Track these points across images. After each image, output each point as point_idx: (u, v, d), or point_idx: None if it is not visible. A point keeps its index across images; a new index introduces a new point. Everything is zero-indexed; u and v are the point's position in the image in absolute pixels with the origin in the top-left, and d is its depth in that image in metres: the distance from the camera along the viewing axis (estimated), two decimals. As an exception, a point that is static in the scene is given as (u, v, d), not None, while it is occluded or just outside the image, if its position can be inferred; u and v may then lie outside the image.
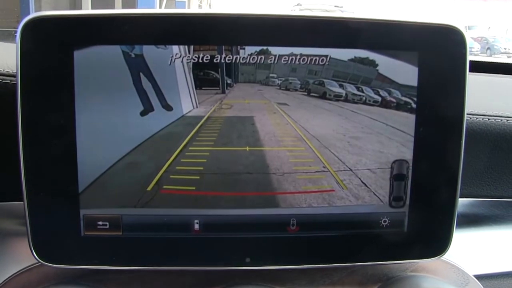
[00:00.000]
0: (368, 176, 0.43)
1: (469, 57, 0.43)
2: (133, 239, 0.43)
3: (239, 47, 0.40)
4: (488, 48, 12.66)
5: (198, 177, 0.42)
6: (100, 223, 0.43)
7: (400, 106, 0.43)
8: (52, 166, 0.42)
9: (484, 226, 0.59)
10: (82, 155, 0.41)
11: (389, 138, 0.43)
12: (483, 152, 0.55)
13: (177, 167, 0.41)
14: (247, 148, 0.41)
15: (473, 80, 0.44)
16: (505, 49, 12.66)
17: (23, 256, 0.50)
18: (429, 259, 0.47)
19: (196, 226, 0.43)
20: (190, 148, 0.41)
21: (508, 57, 12.23)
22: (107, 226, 0.43)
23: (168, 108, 0.41)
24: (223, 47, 0.40)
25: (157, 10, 0.47)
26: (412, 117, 0.43)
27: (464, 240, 0.56)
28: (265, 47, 0.40)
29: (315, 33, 0.41)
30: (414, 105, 0.43)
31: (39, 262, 0.43)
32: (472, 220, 0.58)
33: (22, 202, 0.50)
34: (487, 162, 0.56)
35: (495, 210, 0.59)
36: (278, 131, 0.42)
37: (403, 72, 0.42)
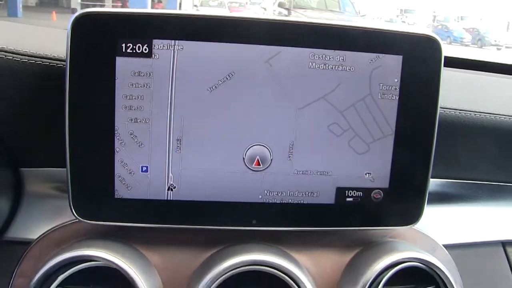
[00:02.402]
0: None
1: (455, 51, 0.51)
2: (157, 201, 0.51)
3: None
4: (479, 40, 12.74)
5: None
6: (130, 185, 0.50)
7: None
8: (91, 136, 0.49)
9: (452, 204, 0.67)
10: (118, 127, 0.49)
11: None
12: (455, 141, 0.63)
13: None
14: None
15: (451, 75, 0.52)
16: (495, 41, 12.76)
17: (57, 216, 0.58)
18: (404, 226, 0.55)
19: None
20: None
21: (498, 49, 12.33)
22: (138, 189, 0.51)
23: None
24: None
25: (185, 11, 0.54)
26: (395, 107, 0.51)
27: (435, 215, 0.65)
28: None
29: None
30: (397, 97, 0.51)
31: (77, 219, 0.51)
32: (443, 198, 0.66)
33: (55, 169, 0.58)
34: (458, 149, 0.64)
35: (463, 190, 0.67)
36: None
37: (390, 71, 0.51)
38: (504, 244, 0.67)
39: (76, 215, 0.51)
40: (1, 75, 0.53)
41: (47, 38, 0.66)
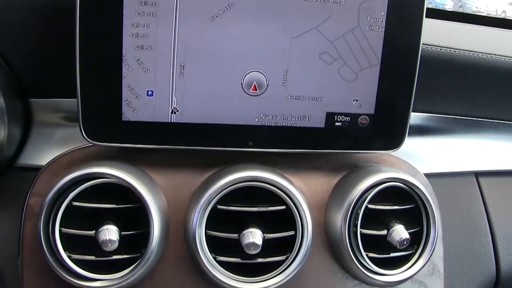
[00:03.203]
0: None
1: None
2: (161, 123, 0.55)
3: None
4: (460, 6, 12.76)
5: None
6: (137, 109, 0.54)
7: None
8: (100, 62, 0.53)
9: (431, 136, 0.72)
10: (126, 54, 0.52)
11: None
12: (435, 76, 0.68)
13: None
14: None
15: (433, 23, 0.56)
16: (476, 7, 12.79)
17: (65, 143, 0.62)
18: (388, 151, 0.60)
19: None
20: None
21: (479, 17, 12.34)
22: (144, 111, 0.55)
23: None
24: None
25: None
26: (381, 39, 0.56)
27: (414, 146, 0.70)
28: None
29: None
30: (383, 30, 0.56)
31: (87, 141, 0.55)
32: (422, 131, 0.71)
33: (62, 99, 0.62)
34: (438, 85, 0.69)
35: (441, 124, 0.72)
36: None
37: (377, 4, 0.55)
38: (477, 174, 0.74)
39: (86, 138, 0.55)
40: (11, 5, 0.56)
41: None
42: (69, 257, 0.53)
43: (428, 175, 0.67)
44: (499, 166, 0.75)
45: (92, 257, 0.53)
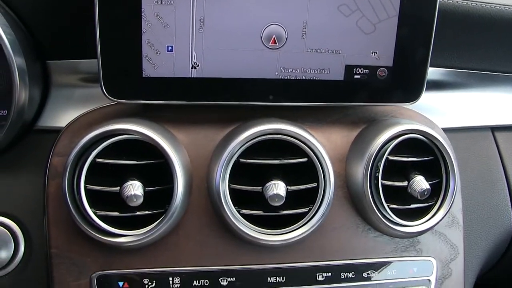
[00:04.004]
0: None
1: None
2: (182, 79, 0.55)
3: None
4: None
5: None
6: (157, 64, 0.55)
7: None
8: (119, 19, 0.53)
9: (447, 91, 0.72)
10: (145, 9, 0.52)
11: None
12: (451, 30, 0.68)
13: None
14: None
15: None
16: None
17: (83, 105, 0.62)
18: (406, 103, 0.60)
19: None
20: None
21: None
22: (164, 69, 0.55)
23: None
24: None
25: None
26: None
27: (431, 100, 0.70)
28: None
29: None
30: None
31: (109, 99, 0.55)
32: (438, 85, 0.71)
33: (79, 60, 0.62)
34: (453, 39, 0.69)
35: (457, 78, 0.73)
36: None
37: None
38: (493, 129, 0.74)
39: (107, 95, 0.55)
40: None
41: None
42: (95, 213, 0.53)
43: (444, 130, 0.67)
44: (515, 121, 0.75)
45: (117, 213, 0.54)
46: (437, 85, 0.71)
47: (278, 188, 0.53)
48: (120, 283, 0.57)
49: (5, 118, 0.57)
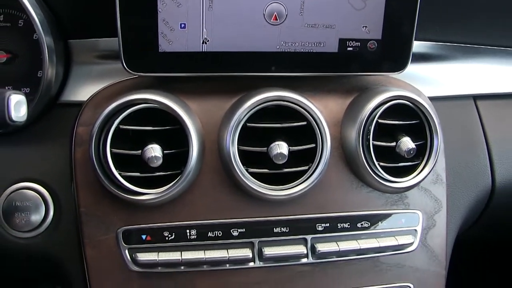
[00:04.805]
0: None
1: None
2: (194, 53, 0.62)
3: None
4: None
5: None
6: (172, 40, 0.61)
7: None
8: (138, 3, 0.59)
9: (432, 63, 0.78)
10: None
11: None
12: (437, 7, 0.74)
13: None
14: None
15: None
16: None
17: (102, 80, 0.68)
18: (395, 72, 0.67)
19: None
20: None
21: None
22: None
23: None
24: None
25: None
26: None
27: (417, 72, 0.77)
28: None
29: None
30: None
31: (129, 73, 0.62)
32: (424, 58, 0.78)
33: (98, 39, 0.68)
34: (438, 13, 0.75)
35: (442, 51, 0.79)
36: None
37: None
38: (475, 97, 0.81)
39: (127, 69, 0.61)
40: None
41: None
42: (120, 174, 0.60)
43: (430, 98, 0.74)
44: (495, 89, 0.82)
45: (138, 174, 0.61)
46: (423, 58, 0.78)
47: (281, 148, 0.60)
48: (143, 236, 0.64)
49: (32, 94, 0.64)
